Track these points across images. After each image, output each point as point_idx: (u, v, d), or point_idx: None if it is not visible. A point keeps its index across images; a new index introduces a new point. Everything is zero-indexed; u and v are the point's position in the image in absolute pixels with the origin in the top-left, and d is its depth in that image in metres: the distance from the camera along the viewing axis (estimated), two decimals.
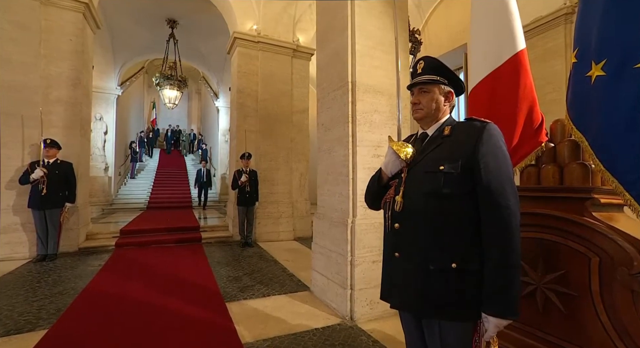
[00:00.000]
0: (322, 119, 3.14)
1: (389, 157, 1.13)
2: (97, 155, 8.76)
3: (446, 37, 6.72)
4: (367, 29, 2.74)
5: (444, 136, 1.06)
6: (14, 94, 4.23)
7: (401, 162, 1.10)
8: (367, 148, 2.66)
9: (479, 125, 1.00)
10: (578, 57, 1.24)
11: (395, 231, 1.08)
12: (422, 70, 1.11)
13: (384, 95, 2.79)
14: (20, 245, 4.18)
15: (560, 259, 1.21)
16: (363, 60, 2.70)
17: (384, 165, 1.16)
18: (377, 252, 2.61)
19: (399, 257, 1.06)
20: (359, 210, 2.59)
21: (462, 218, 0.97)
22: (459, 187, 0.97)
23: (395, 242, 1.08)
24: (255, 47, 5.78)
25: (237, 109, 5.80)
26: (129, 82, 10.24)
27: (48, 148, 4.11)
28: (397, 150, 1.09)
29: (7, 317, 2.37)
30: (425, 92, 1.10)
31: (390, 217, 1.09)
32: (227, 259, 4.30)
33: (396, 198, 1.07)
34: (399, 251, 1.07)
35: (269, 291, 3.09)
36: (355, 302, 2.49)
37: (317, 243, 3.09)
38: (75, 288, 3.03)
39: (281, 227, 5.74)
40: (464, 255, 0.96)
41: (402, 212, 1.05)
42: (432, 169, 1.01)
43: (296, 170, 6.10)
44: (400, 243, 1.06)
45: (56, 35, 4.54)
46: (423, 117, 1.12)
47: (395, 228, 1.07)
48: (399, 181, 1.10)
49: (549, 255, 1.25)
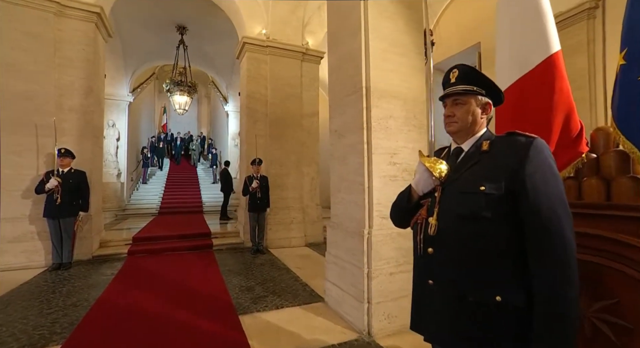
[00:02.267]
0: (335, 125, 3.05)
1: (421, 174, 1.03)
2: (110, 161, 8.88)
3: (458, 37, 6.56)
4: (381, 30, 2.64)
5: (482, 152, 0.96)
6: (28, 103, 4.29)
7: (434, 181, 1.00)
8: (383, 156, 2.56)
9: (524, 140, 0.89)
10: (627, 59, 1.12)
11: (429, 256, 0.98)
12: (455, 80, 1.00)
13: (399, 100, 2.68)
14: (36, 253, 4.22)
15: (611, 285, 1.08)
16: (377, 63, 2.60)
17: (415, 183, 1.06)
18: (393, 263, 2.51)
19: (433, 284, 0.97)
20: (375, 221, 2.49)
21: (505, 244, 0.87)
22: (501, 210, 0.87)
23: (428, 268, 0.99)
24: (264, 51, 5.74)
25: (247, 114, 5.77)
26: (140, 88, 10.38)
27: (62, 157, 4.14)
28: (430, 167, 0.99)
29: (22, 331, 2.35)
30: (460, 103, 1.00)
31: (423, 240, 0.99)
32: (239, 267, 4.25)
33: (430, 221, 0.97)
34: (432, 278, 0.97)
35: (282, 302, 3.01)
36: (373, 316, 2.39)
37: (331, 253, 2.99)
38: (88, 299, 3.02)
39: (292, 232, 5.67)
40: (508, 286, 0.86)
41: (437, 235, 0.95)
42: (471, 190, 0.91)
43: (307, 174, 6.02)
44: (435, 269, 0.97)
45: (68, 45, 4.59)
46: (457, 130, 1.02)
47: (429, 253, 0.98)
48: (432, 201, 1.00)
49: (596, 280, 1.12)
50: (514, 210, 0.86)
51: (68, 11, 4.55)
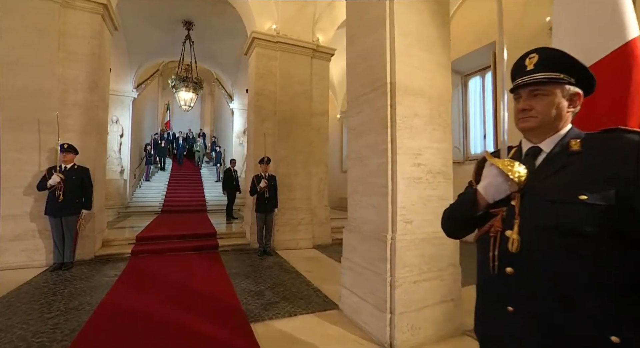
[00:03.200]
0: (353, 124, 2.90)
1: (493, 178, 0.86)
2: (113, 158, 8.75)
3: (471, 36, 6.39)
4: (406, 24, 2.48)
5: (571, 153, 0.79)
6: (30, 98, 4.14)
7: (511, 186, 0.82)
8: (407, 156, 2.40)
9: (637, 138, 0.72)
10: None
11: (507, 277, 0.81)
12: (534, 67, 0.84)
13: (423, 97, 2.53)
14: (37, 252, 4.08)
15: None
16: (402, 58, 2.44)
17: (484, 188, 0.88)
18: (417, 271, 2.35)
19: (514, 313, 0.79)
20: (399, 225, 2.33)
21: (614, 268, 0.70)
22: (605, 225, 0.70)
23: (506, 292, 0.82)
24: (274, 47, 5.58)
25: (255, 112, 5.61)
26: (144, 84, 10.24)
27: (65, 153, 3.99)
28: (507, 170, 0.82)
29: (21, 338, 2.20)
30: (540, 95, 0.83)
31: (499, 258, 0.82)
32: (247, 270, 4.09)
33: (508, 234, 0.81)
34: (513, 305, 0.80)
35: (295, 309, 2.86)
36: (396, 328, 2.23)
37: (347, 257, 2.84)
38: (90, 303, 2.87)
39: (300, 234, 5.51)
40: (623, 323, 0.69)
41: (520, 253, 0.78)
42: (565, 198, 0.74)
43: (315, 174, 5.87)
44: (516, 295, 0.80)
45: (74, 37, 4.44)
46: (536, 127, 0.84)
47: (507, 273, 0.81)
48: (509, 211, 0.83)
49: None
50: (622, 227, 0.70)
51: (74, 2, 4.41)
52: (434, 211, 2.48)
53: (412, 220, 2.39)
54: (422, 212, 2.43)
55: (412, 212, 2.39)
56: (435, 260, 2.43)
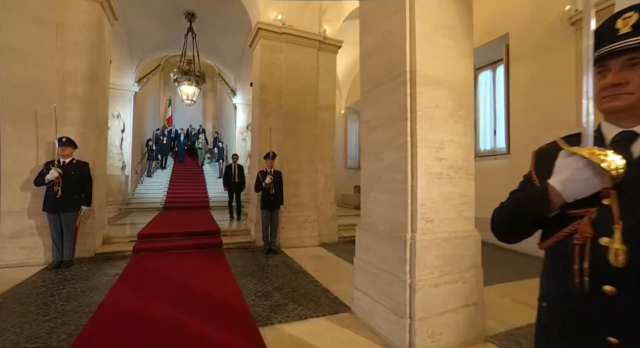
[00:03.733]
0: (367, 116, 2.73)
1: (576, 171, 0.66)
2: (115, 153, 8.61)
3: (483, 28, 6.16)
4: (427, 9, 2.30)
5: None
6: (28, 90, 3.99)
7: (603, 181, 0.64)
8: (428, 149, 2.23)
9: None
10: None
11: (605, 298, 0.63)
12: (632, 29, 0.66)
13: (444, 87, 2.35)
14: (35, 250, 3.94)
15: None
16: (422, 46, 2.26)
17: (561, 183, 0.68)
18: (438, 273, 2.19)
19: (619, 345, 0.61)
20: (419, 224, 2.17)
21: None
22: None
23: (604, 317, 0.64)
24: (280, 38, 5.39)
25: (259, 106, 5.44)
26: (145, 78, 10.08)
27: (63, 147, 3.84)
28: (599, 160, 0.64)
29: (13, 344, 2.06)
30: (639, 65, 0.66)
31: (593, 273, 0.64)
32: (252, 269, 3.95)
33: (605, 243, 0.63)
34: (617, 336, 0.61)
35: (305, 312, 2.71)
36: (416, 334, 2.07)
37: (360, 258, 2.69)
38: (89, 304, 2.73)
39: (306, 232, 5.36)
40: None
41: (626, 268, 0.61)
42: None
43: (321, 171, 5.70)
44: (620, 321, 0.62)
45: (72, 27, 4.27)
46: (630, 106, 0.67)
47: (606, 292, 0.63)
48: (602, 213, 0.65)
49: None
50: None
51: None
52: (455, 209, 2.32)
53: (432, 219, 2.22)
54: (442, 210, 2.27)
55: (432, 210, 2.23)
56: (457, 262, 2.27)
